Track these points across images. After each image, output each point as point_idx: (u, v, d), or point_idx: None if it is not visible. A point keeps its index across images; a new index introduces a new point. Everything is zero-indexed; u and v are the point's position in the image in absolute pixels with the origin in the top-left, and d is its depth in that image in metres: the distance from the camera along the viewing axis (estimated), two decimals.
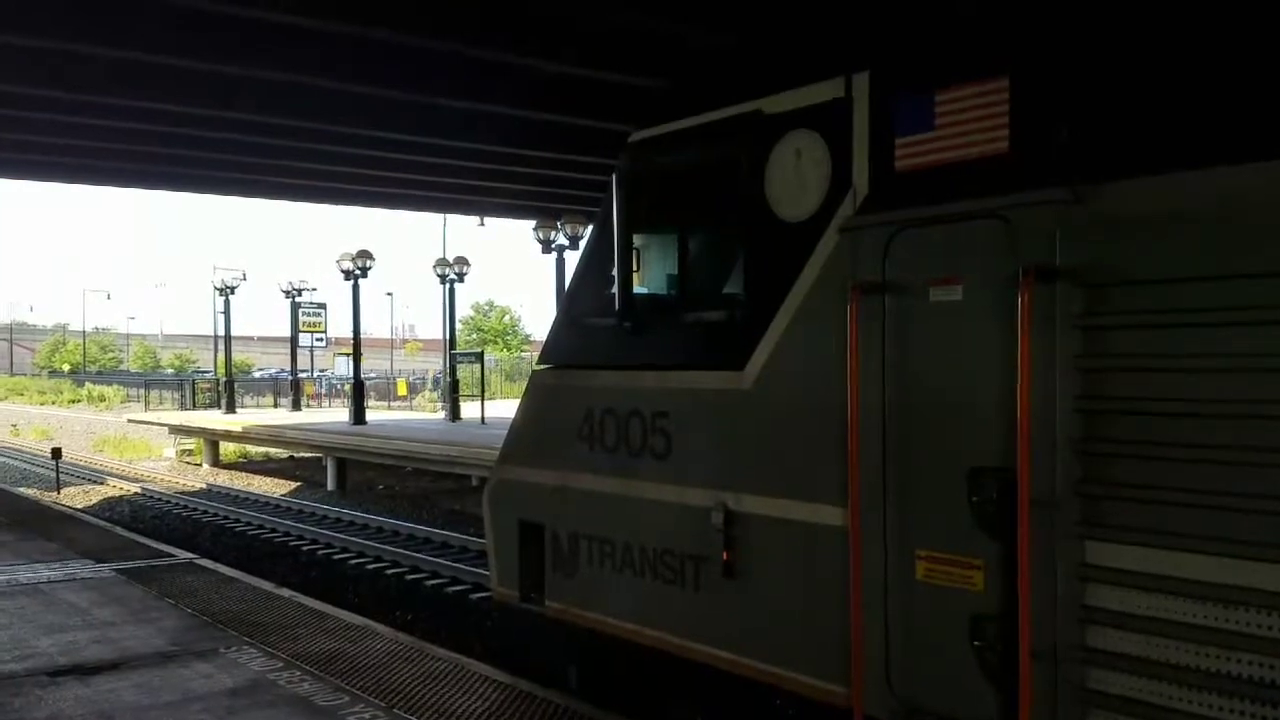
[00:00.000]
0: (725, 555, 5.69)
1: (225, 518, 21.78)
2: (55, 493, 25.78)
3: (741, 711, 5.82)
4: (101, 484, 29.12)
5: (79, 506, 22.74)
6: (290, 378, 46.49)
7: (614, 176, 6.48)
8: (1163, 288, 4.05)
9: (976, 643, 4.61)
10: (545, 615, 7.00)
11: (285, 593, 10.79)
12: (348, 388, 40.11)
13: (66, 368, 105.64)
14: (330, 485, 27.56)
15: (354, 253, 34.89)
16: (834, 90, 5.28)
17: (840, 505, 5.11)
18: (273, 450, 34.52)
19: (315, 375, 59.47)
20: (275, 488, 28.23)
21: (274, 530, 19.82)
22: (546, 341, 7.48)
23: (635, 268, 6.45)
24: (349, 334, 36.20)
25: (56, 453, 27.92)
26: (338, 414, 39.05)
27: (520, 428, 7.52)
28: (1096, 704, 4.23)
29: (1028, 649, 4.34)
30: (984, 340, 4.55)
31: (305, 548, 17.90)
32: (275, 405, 48.80)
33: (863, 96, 5.16)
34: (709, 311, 6.11)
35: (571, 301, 7.21)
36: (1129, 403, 4.15)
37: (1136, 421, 4.12)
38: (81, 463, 35.16)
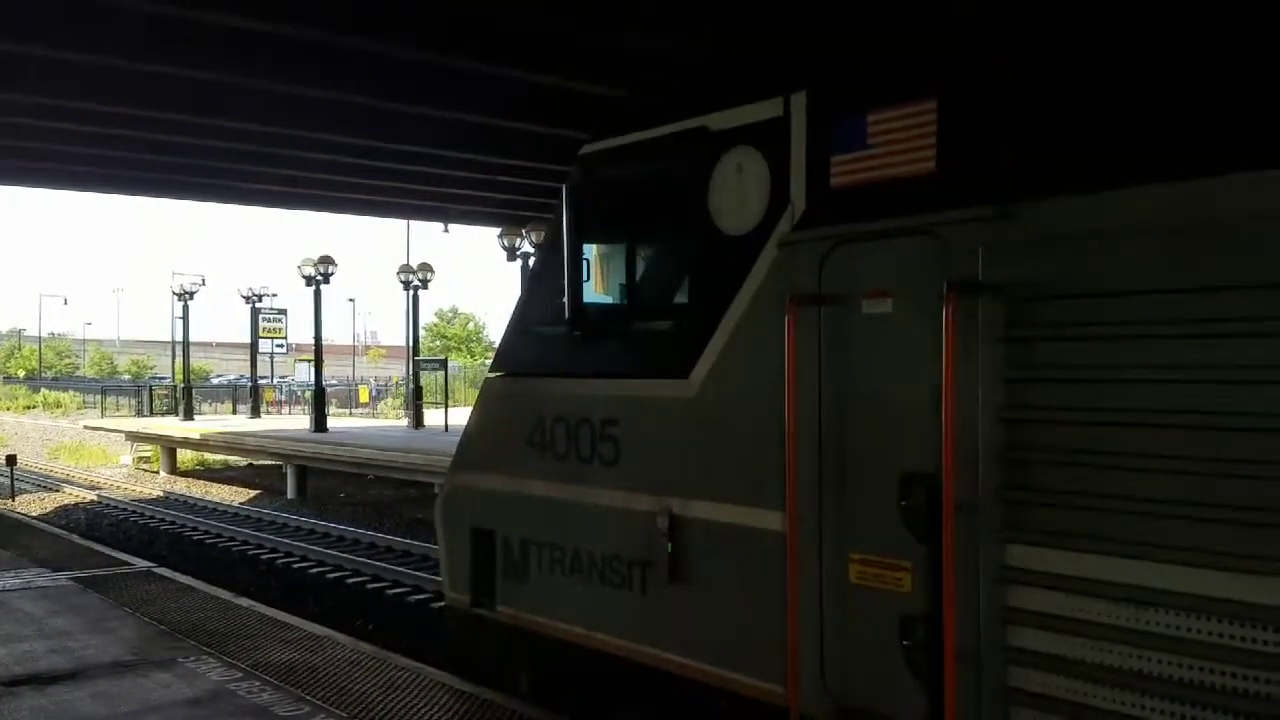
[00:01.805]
0: (670, 559, 5.83)
1: (183, 526, 21.58)
2: (9, 500, 25.39)
3: (688, 714, 5.88)
4: (57, 491, 28.75)
5: (34, 514, 22.43)
6: (250, 384, 46.10)
7: (564, 188, 6.58)
8: (1080, 302, 4.22)
9: (905, 642, 4.75)
10: (496, 620, 7.09)
11: (244, 602, 10.71)
12: (309, 394, 39.83)
13: (21, 373, 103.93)
14: (291, 493, 27.35)
15: (316, 258, 34.69)
16: (773, 109, 5.45)
17: (778, 510, 5.24)
18: (231, 458, 34.22)
19: (276, 382, 58.98)
20: (234, 495, 27.97)
21: (233, 539, 19.66)
22: (499, 349, 7.62)
23: (585, 277, 6.55)
24: (310, 340, 35.92)
25: (11, 460, 27.47)
26: (298, 421, 38.73)
27: (473, 435, 7.64)
28: (1018, 701, 4.37)
29: (952, 648, 4.48)
30: (912, 351, 4.72)
31: (265, 556, 17.77)
32: (234, 412, 48.35)
33: (800, 116, 5.33)
34: (656, 321, 6.27)
35: (523, 310, 7.31)
36: (1048, 412, 4.32)
37: (1055, 430, 4.28)
38: (37, 470, 34.70)
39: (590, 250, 6.62)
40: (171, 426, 36.98)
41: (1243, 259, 3.76)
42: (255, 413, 43.02)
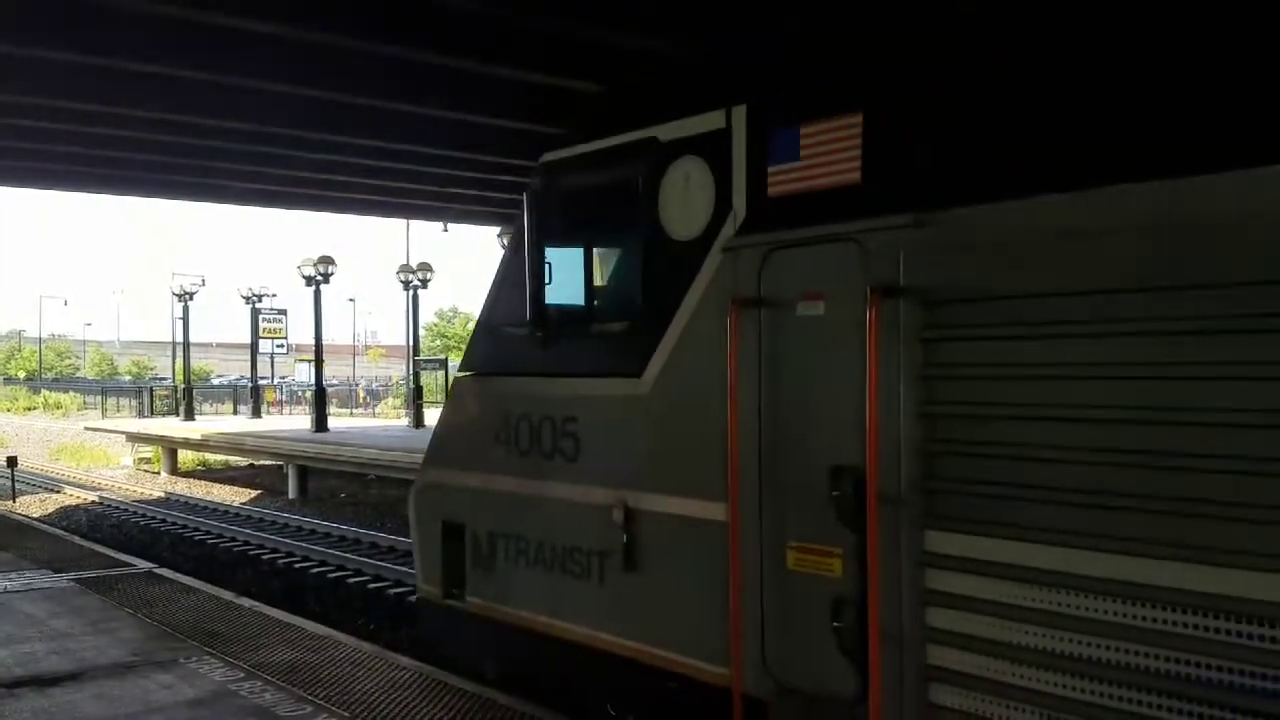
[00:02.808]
0: (625, 550, 6.13)
1: (184, 526, 21.56)
2: (10, 502, 25.38)
3: (644, 697, 6.18)
4: (58, 493, 28.72)
5: (35, 516, 22.42)
6: (250, 384, 46.10)
7: (525, 193, 6.91)
8: (986, 304, 4.52)
9: (836, 624, 5.05)
10: (466, 611, 7.37)
11: (246, 602, 10.70)
12: (309, 394, 39.83)
13: (22, 375, 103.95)
14: (292, 493, 27.34)
15: (316, 258, 34.68)
16: (716, 121, 5.75)
17: (722, 501, 5.56)
18: (232, 458, 34.21)
19: (276, 382, 58.99)
20: (235, 496, 27.95)
21: (234, 539, 19.63)
22: (467, 349, 7.91)
23: (547, 280, 6.81)
24: (310, 340, 35.92)
25: (12, 461, 27.46)
26: (299, 421, 38.73)
27: (443, 432, 8.00)
28: (938, 679, 4.67)
29: (877, 629, 4.80)
30: (842, 351, 5.01)
31: (266, 556, 17.75)
32: (235, 412, 48.36)
33: (740, 127, 5.64)
34: (612, 322, 6.59)
35: (490, 311, 7.59)
36: (959, 407, 4.63)
37: (967, 424, 4.59)
38: (38, 471, 34.66)
39: (551, 254, 6.87)
40: (172, 427, 36.99)
41: (1131, 265, 4.06)
42: (256, 413, 43.02)
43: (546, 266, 6.81)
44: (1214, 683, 3.83)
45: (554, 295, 6.90)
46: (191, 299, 45.00)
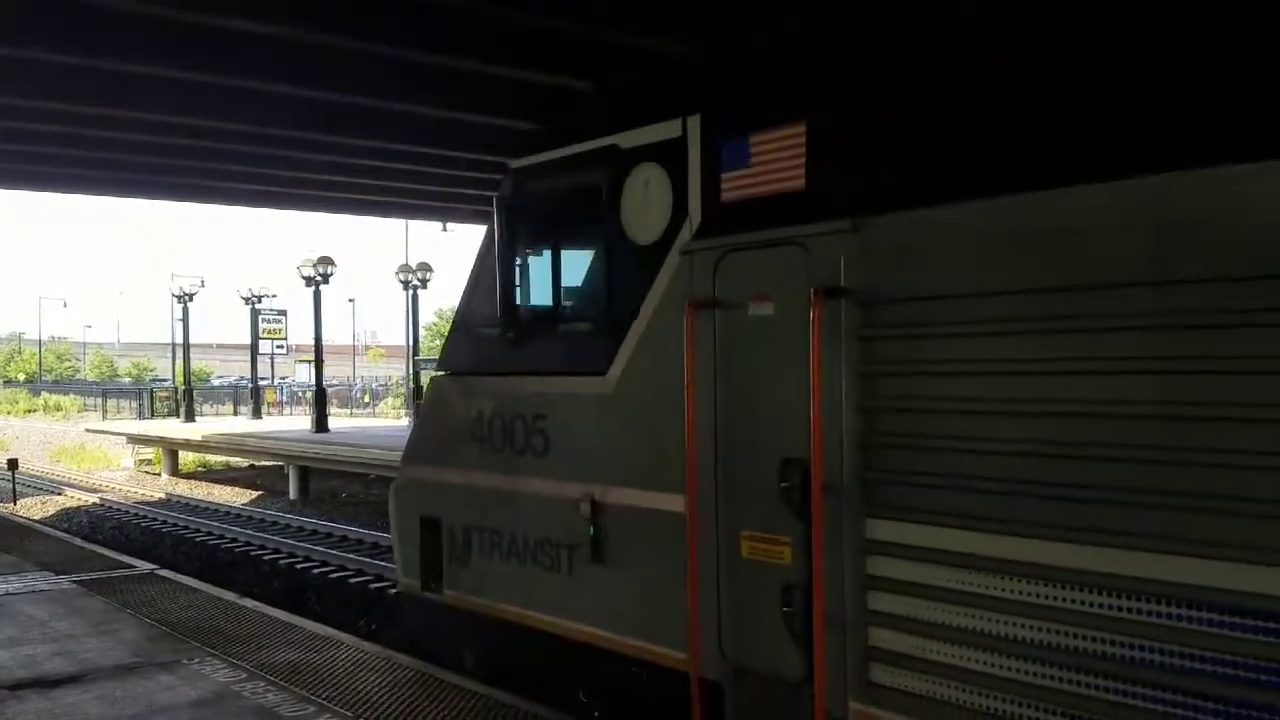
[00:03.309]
0: (592, 542, 6.41)
1: (186, 528, 21.58)
2: (12, 504, 25.40)
3: (611, 683, 6.43)
4: (59, 495, 28.75)
5: (36, 518, 22.44)
6: (251, 385, 46.08)
7: (494, 199, 7.15)
8: (919, 304, 4.77)
9: (786, 609, 5.32)
10: (443, 603, 7.68)
11: (248, 603, 10.71)
12: (309, 395, 39.82)
13: (22, 377, 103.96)
14: (293, 494, 27.36)
15: (315, 259, 34.67)
16: (673, 130, 6.02)
17: (681, 493, 5.83)
18: (233, 459, 34.21)
19: (276, 383, 58.96)
20: (236, 497, 27.98)
21: (235, 540, 19.65)
22: (443, 350, 8.21)
23: (517, 282, 7.13)
24: (310, 341, 35.91)
25: (12, 464, 27.44)
26: (299, 421, 38.73)
27: (421, 430, 8.40)
28: (878, 659, 4.93)
29: (821, 613, 5.08)
30: (789, 350, 5.26)
31: (268, 557, 17.77)
32: (235, 413, 48.32)
33: (695, 136, 5.90)
34: (578, 322, 6.94)
35: (464, 313, 7.86)
36: (896, 402, 4.90)
37: (902, 418, 4.87)
38: (38, 474, 34.69)
39: (521, 257, 7.19)
40: (173, 429, 36.99)
41: (1048, 266, 4.32)
42: (256, 414, 43.01)
43: (516, 269, 7.11)
44: (1131, 660, 4.06)
45: (524, 297, 7.21)
46: (191, 300, 44.97)
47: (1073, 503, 4.21)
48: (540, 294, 7.26)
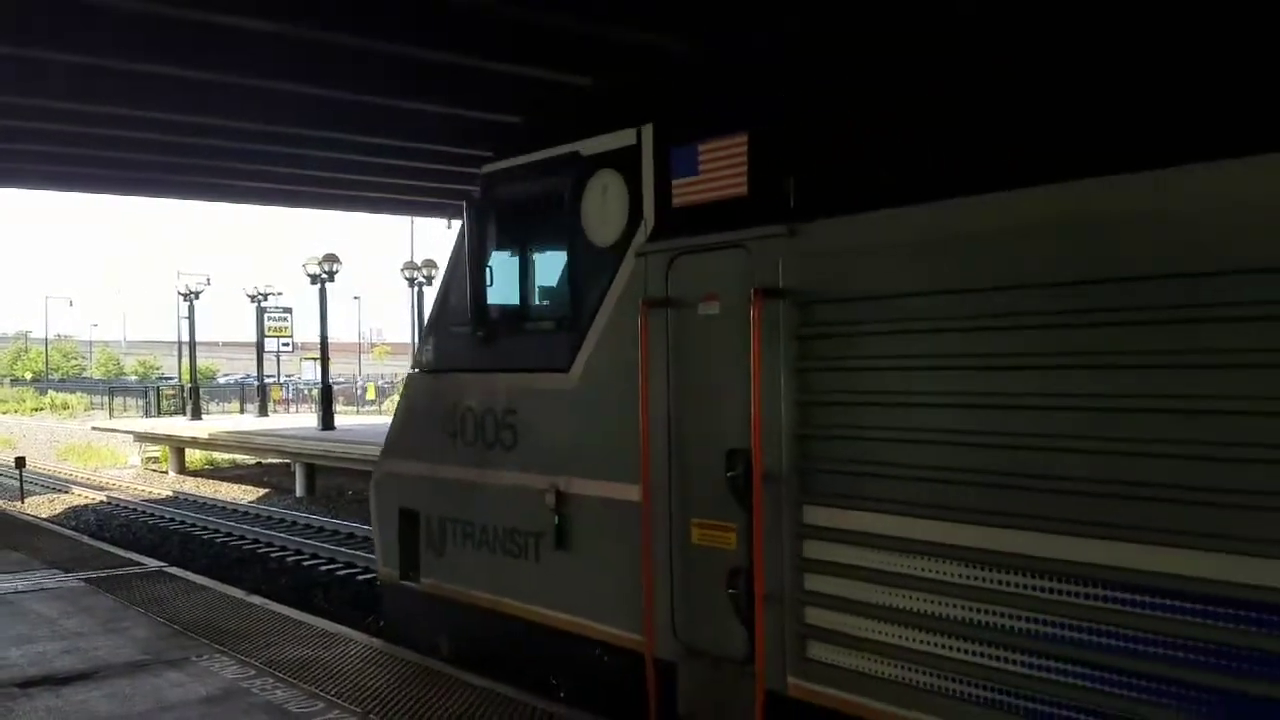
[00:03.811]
0: (557, 530, 6.78)
1: (193, 525, 21.65)
2: (19, 502, 25.48)
3: (576, 665, 6.79)
4: (66, 493, 28.83)
5: (44, 516, 22.50)
6: (256, 383, 46.17)
7: (465, 203, 7.55)
8: (849, 304, 5.14)
9: (731, 591, 5.66)
10: (420, 591, 8.09)
11: (256, 600, 10.74)
12: (315, 392, 39.88)
13: (29, 376, 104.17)
14: (299, 491, 27.42)
15: (320, 256, 34.72)
16: (629, 138, 6.37)
17: (636, 483, 6.17)
18: (239, 456, 34.28)
19: (282, 380, 59.06)
20: (243, 494, 28.04)
21: (243, 537, 19.71)
22: (418, 347, 8.54)
23: (488, 283, 7.39)
24: (316, 338, 35.98)
25: (20, 462, 27.56)
26: (305, 419, 38.82)
27: (399, 425, 8.73)
28: (814, 637, 5.29)
29: (762, 594, 5.44)
30: (734, 347, 5.59)
31: (275, 554, 17.82)
32: (241, 411, 48.46)
33: (648, 144, 6.25)
34: (544, 321, 7.27)
35: (438, 312, 8.22)
36: (827, 395, 5.25)
37: (833, 411, 5.22)
38: (46, 472, 34.79)
39: (491, 258, 7.47)
40: (179, 426, 37.07)
41: (961, 269, 4.67)
42: (263, 411, 43.11)
43: (487, 270, 7.37)
44: (1045, 636, 4.37)
45: (494, 297, 7.46)
46: (197, 298, 45.07)
47: (991, 489, 4.54)
48: (508, 294, 7.54)
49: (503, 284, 7.52)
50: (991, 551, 4.54)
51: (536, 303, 7.51)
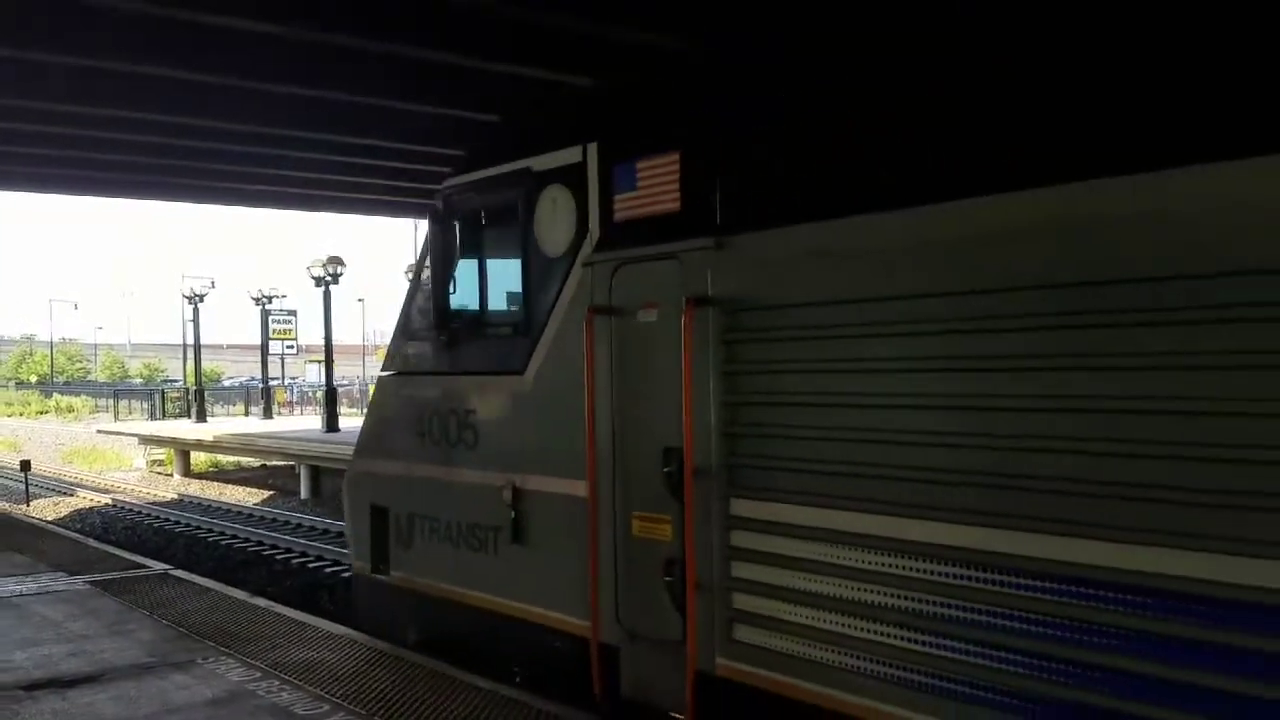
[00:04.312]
0: (513, 525, 7.19)
1: (198, 528, 21.67)
2: (25, 505, 25.53)
3: (533, 652, 7.19)
4: (72, 496, 28.87)
5: (49, 519, 22.56)
6: (261, 385, 46.19)
7: (429, 214, 8.01)
8: (770, 311, 5.54)
9: (668, 579, 6.08)
10: (391, 584, 8.53)
11: (261, 602, 10.76)
12: (320, 395, 39.90)
13: (34, 379, 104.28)
14: (304, 493, 27.44)
15: (325, 259, 34.75)
16: (575, 155, 6.81)
17: (584, 479, 6.59)
18: (244, 459, 34.32)
19: (287, 383, 59.09)
20: (248, 497, 28.07)
21: (248, 540, 19.73)
22: (388, 351, 8.99)
23: (450, 290, 7.87)
24: (320, 341, 36.01)
25: (25, 465, 27.64)
26: (310, 421, 38.84)
27: (369, 426, 9.20)
28: (740, 620, 5.70)
29: (693, 581, 5.87)
30: (669, 351, 5.99)
31: (280, 556, 17.84)
32: (246, 414, 48.44)
33: (593, 161, 6.68)
34: (501, 327, 7.68)
35: (405, 317, 8.62)
36: (751, 396, 5.65)
37: (756, 410, 5.63)
38: (51, 475, 34.82)
39: (452, 267, 7.95)
40: (184, 429, 37.13)
41: (868, 279, 5.07)
42: (267, 414, 43.14)
43: (448, 278, 7.87)
44: (943, 618, 4.77)
45: (455, 303, 7.92)
46: (202, 301, 45.13)
47: (896, 482, 4.93)
48: (469, 301, 7.93)
49: (463, 291, 7.94)
50: (896, 540, 4.94)
51: (494, 309, 7.88)
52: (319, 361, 44.76)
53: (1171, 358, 4.08)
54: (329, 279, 34.46)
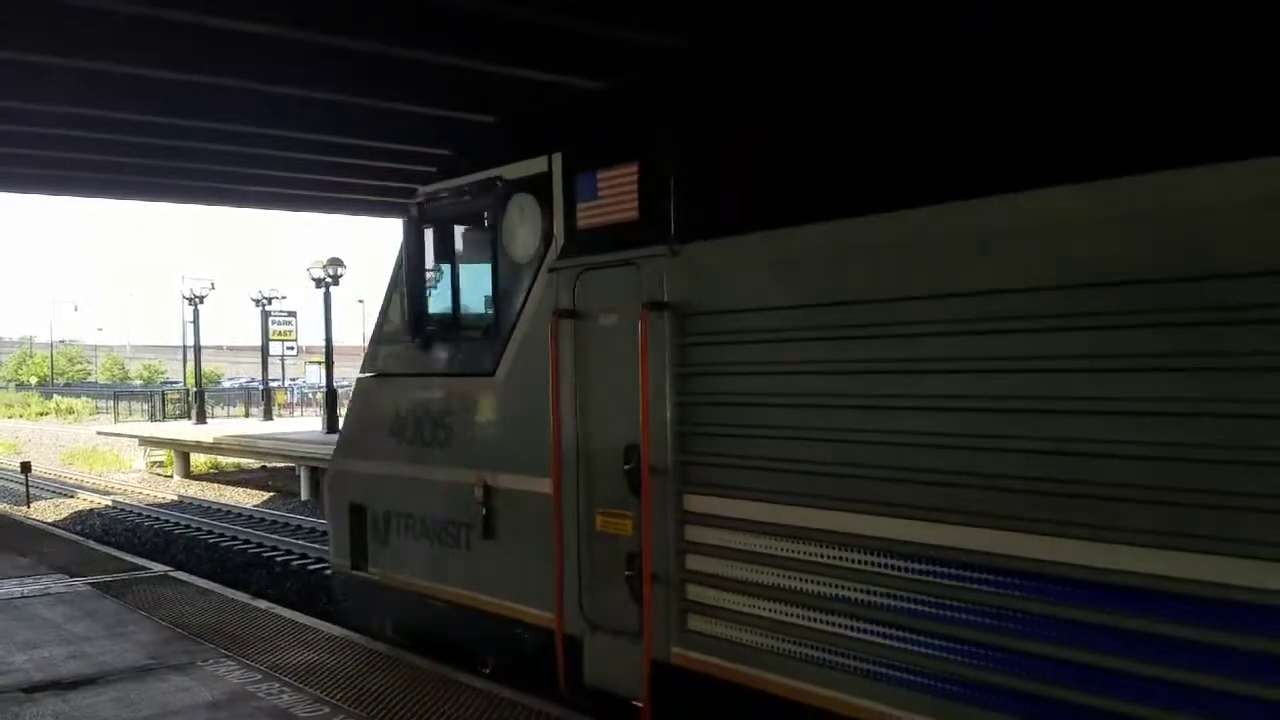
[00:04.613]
0: (484, 521, 7.47)
1: (198, 529, 21.65)
2: (25, 507, 25.51)
3: (502, 643, 7.46)
4: (72, 497, 28.86)
5: (50, 521, 22.53)
6: (261, 387, 46.17)
7: (404, 222, 8.38)
8: (715, 316, 5.86)
9: (628, 573, 6.35)
10: (368, 579, 8.82)
11: (262, 604, 10.76)
12: (320, 396, 39.89)
13: (34, 380, 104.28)
14: (304, 495, 27.41)
15: (325, 260, 34.74)
16: (541, 165, 7.11)
17: (550, 477, 6.86)
18: (244, 461, 34.31)
19: (287, 384, 59.06)
20: (248, 498, 28.06)
21: (248, 541, 19.71)
22: (366, 353, 9.30)
23: (425, 295, 8.16)
24: (320, 342, 35.99)
25: (25, 466, 27.62)
26: (310, 423, 38.83)
27: (349, 426, 9.59)
28: (693, 610, 5.99)
29: (649, 574, 6.16)
30: (628, 354, 6.27)
31: (280, 558, 17.82)
32: (246, 415, 48.40)
33: (558, 171, 6.98)
34: (473, 330, 7.98)
35: (382, 321, 9.01)
36: (702, 397, 5.96)
37: (706, 410, 5.93)
38: (51, 476, 34.81)
39: (428, 273, 8.23)
40: (184, 431, 37.12)
41: (804, 286, 5.41)
42: (268, 415, 43.10)
43: (423, 283, 8.15)
44: (874, 605, 5.08)
45: (430, 307, 8.22)
46: (201, 302, 45.10)
47: (836, 478, 5.24)
48: (442, 305, 8.26)
49: (437, 295, 8.27)
50: (836, 532, 5.25)
51: (466, 313, 8.17)
52: (319, 363, 44.70)
53: (1051, 361, 4.45)
54: (329, 280, 34.45)
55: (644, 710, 6.30)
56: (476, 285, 8.03)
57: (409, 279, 8.18)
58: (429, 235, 8.20)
